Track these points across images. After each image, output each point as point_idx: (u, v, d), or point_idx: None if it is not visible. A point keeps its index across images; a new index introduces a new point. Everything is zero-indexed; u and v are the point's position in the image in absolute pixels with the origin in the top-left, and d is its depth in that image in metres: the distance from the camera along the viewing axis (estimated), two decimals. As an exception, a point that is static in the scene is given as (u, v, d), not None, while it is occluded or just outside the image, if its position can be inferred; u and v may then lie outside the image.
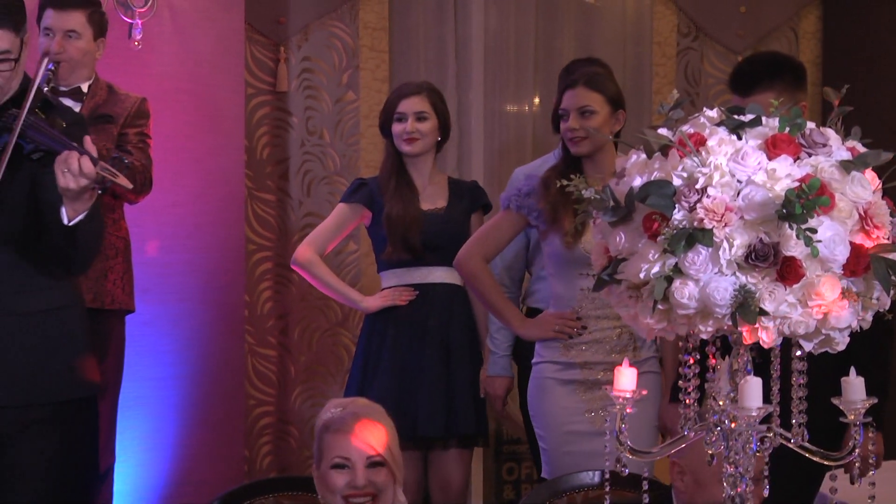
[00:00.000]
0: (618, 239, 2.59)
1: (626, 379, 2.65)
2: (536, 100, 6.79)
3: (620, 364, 2.69)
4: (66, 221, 3.72)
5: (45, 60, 4.30)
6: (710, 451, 2.63)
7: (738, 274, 2.45)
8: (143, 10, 5.48)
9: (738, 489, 2.55)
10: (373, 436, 3.39)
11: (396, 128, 5.18)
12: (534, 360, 4.75)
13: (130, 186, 3.86)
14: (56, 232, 3.78)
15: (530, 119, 6.80)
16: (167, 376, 5.58)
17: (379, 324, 5.21)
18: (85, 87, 5.08)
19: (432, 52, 6.58)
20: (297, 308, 6.27)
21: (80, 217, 3.73)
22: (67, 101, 4.79)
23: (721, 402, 2.62)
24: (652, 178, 2.55)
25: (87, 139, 3.69)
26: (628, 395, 2.64)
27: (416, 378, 5.15)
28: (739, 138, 2.55)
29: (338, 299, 5.50)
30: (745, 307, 2.44)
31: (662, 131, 2.61)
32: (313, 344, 6.29)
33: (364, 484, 3.37)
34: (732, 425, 2.57)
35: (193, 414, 5.64)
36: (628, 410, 2.62)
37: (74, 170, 3.63)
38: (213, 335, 5.70)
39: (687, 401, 2.66)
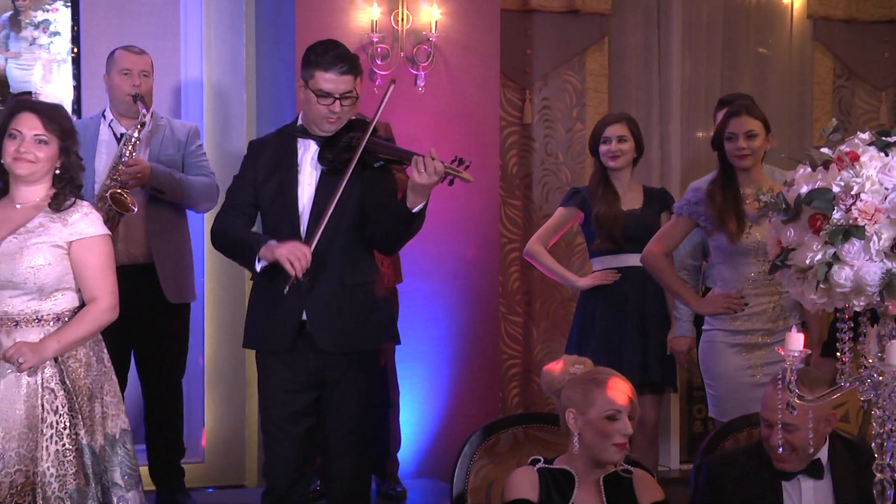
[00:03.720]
0: (788, 233, 2.57)
1: (794, 341, 2.62)
2: (722, 128, 6.67)
3: (774, 331, 2.66)
4: (413, 210, 3.80)
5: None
6: (861, 398, 2.57)
7: (885, 261, 2.43)
8: (425, 64, 5.59)
9: (886, 427, 2.48)
10: (630, 390, 3.27)
11: (603, 148, 5.14)
12: (705, 328, 4.64)
13: (471, 180, 3.82)
14: (394, 221, 3.88)
15: (717, 143, 6.68)
16: (442, 336, 5.66)
17: (591, 299, 5.17)
18: None
19: (641, 93, 6.53)
20: (537, 286, 6.27)
21: (420, 206, 3.82)
22: None
23: (871, 360, 2.56)
24: (816, 187, 2.52)
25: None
26: (796, 354, 2.60)
27: (619, 340, 5.08)
28: (886, 155, 2.51)
29: (558, 280, 5.44)
30: (892, 286, 2.42)
31: (824, 150, 2.57)
32: (550, 313, 6.30)
33: (630, 432, 3.23)
34: (880, 378, 2.52)
35: (461, 364, 5.70)
36: (798, 365, 2.59)
37: (430, 170, 3.71)
38: (476, 305, 5.75)
39: (843, 358, 2.61)
